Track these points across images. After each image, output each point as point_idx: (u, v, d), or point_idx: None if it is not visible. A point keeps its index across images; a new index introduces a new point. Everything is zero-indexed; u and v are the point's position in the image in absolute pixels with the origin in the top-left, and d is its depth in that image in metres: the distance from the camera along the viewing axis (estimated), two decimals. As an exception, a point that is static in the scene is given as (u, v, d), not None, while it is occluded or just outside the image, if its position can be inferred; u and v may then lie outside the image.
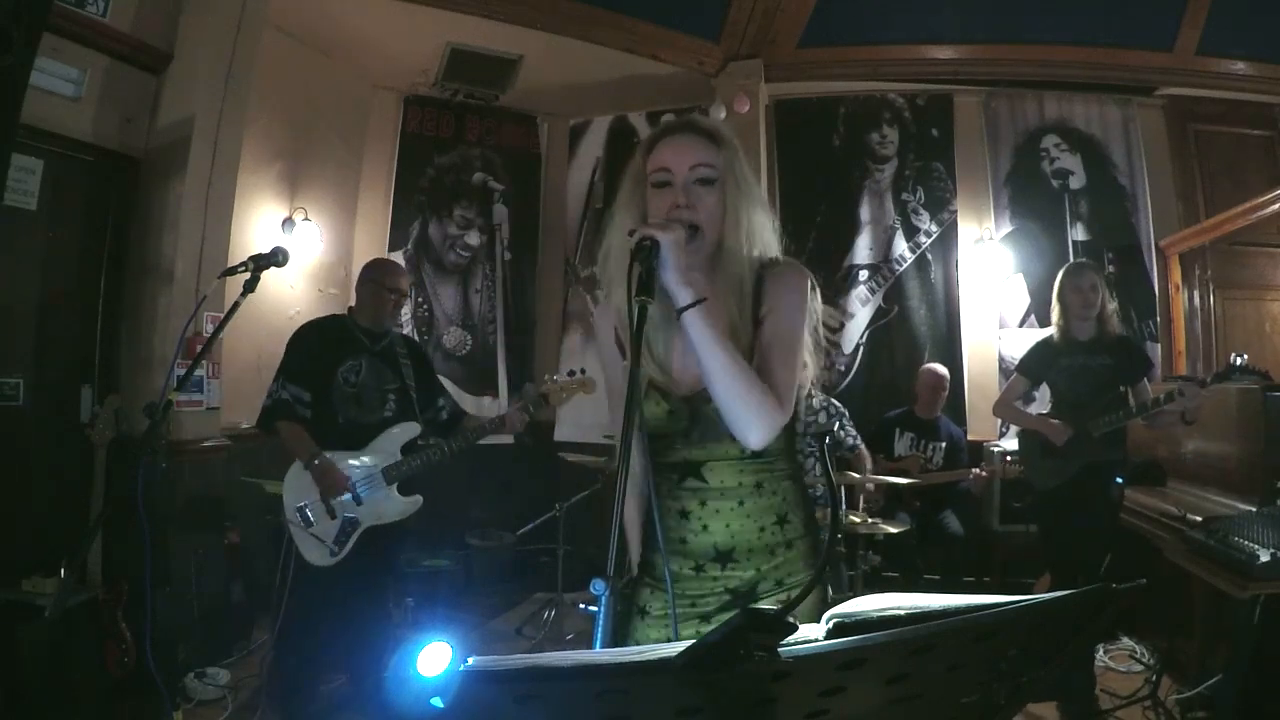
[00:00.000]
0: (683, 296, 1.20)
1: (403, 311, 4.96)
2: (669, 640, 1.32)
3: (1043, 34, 4.63)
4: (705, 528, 1.33)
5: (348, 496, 2.79)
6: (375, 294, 2.96)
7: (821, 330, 1.46)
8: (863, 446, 4.18)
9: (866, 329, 4.99)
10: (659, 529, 1.29)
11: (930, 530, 4.02)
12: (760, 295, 1.35)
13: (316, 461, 2.75)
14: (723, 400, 1.23)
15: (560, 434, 5.21)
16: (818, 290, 1.39)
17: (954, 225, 4.93)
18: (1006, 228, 4.90)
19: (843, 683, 0.68)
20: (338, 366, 2.88)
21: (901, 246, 4.98)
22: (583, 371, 3.07)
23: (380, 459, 2.85)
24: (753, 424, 1.23)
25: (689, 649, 0.62)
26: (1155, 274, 4.71)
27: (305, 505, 2.78)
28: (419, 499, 2.91)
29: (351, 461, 2.83)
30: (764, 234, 1.38)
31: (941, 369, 4.39)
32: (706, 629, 1.32)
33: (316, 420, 2.86)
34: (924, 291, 4.95)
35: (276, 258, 2.28)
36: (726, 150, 1.34)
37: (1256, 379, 3.00)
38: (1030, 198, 4.89)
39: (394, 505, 2.87)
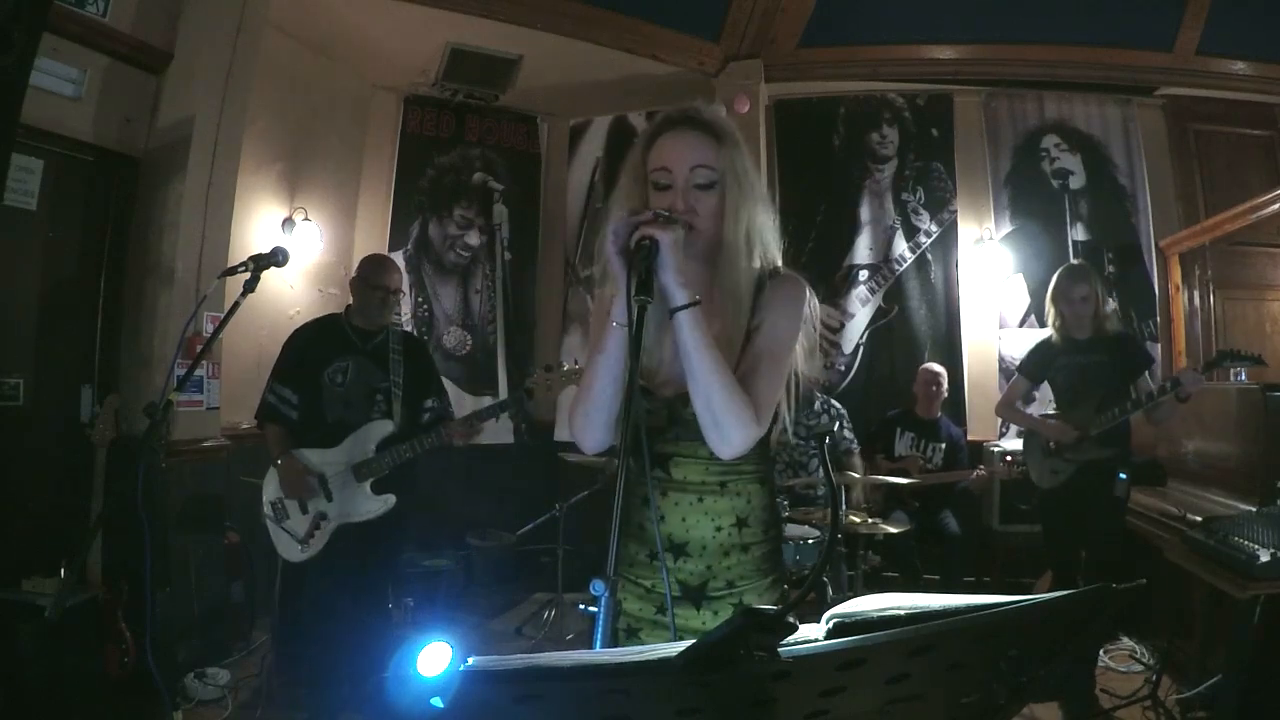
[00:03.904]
0: (678, 297, 1.20)
1: (402, 310, 4.99)
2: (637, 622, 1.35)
3: (1043, 34, 4.63)
4: (663, 518, 1.33)
5: (319, 492, 2.83)
6: (361, 291, 2.98)
7: (818, 336, 1.45)
8: (857, 452, 4.18)
9: (866, 329, 4.99)
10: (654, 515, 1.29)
11: (929, 530, 4.02)
12: (757, 304, 1.33)
13: (281, 461, 2.83)
14: (702, 406, 1.23)
15: (560, 434, 5.20)
16: (816, 304, 1.38)
17: (954, 225, 4.93)
18: (1006, 228, 4.90)
19: (843, 683, 0.68)
20: (324, 367, 2.90)
21: (901, 246, 4.98)
22: (575, 363, 3.06)
23: (352, 456, 2.86)
24: (728, 435, 1.23)
25: (689, 649, 0.62)
26: (1155, 274, 4.71)
27: (280, 499, 2.86)
28: (391, 499, 2.89)
29: (325, 458, 2.86)
30: (765, 233, 1.36)
31: (936, 368, 4.39)
32: (665, 620, 1.33)
33: (305, 419, 2.89)
34: (924, 291, 4.95)
35: (276, 258, 2.29)
36: (727, 146, 1.32)
37: (1250, 363, 2.99)
38: (1030, 198, 4.89)
39: (365, 503, 2.86)
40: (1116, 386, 3.11)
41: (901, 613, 0.70)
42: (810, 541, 3.46)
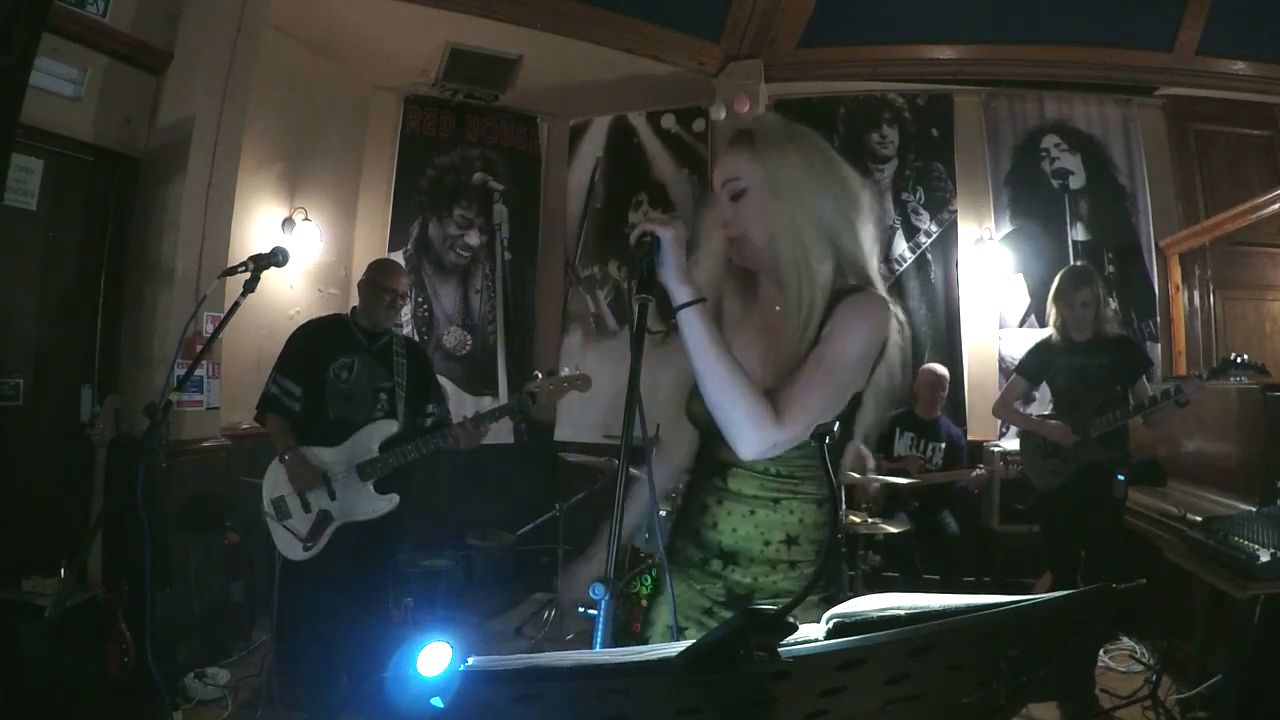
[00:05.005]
0: (680, 295, 1.19)
1: (403, 311, 4.98)
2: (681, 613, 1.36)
3: (1043, 34, 4.63)
4: (715, 525, 1.34)
5: (322, 491, 2.81)
6: (370, 293, 2.99)
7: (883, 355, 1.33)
8: (862, 446, 4.17)
9: (866, 329, 4.98)
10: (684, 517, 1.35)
11: (929, 530, 4.02)
12: (829, 315, 1.26)
13: (287, 455, 2.81)
14: (713, 405, 1.21)
15: (560, 434, 5.21)
16: (896, 326, 1.31)
17: (954, 225, 4.93)
18: (1006, 228, 4.89)
19: (843, 683, 0.68)
20: (330, 363, 2.91)
21: (901, 246, 4.98)
22: (576, 368, 3.07)
23: (356, 455, 2.85)
24: (741, 434, 1.19)
25: (689, 649, 0.62)
26: (1155, 274, 4.71)
27: (281, 497, 2.83)
28: (395, 498, 2.89)
29: (328, 457, 2.85)
30: (833, 239, 1.29)
31: (940, 368, 4.39)
32: (710, 622, 1.33)
33: (307, 414, 2.90)
34: (924, 291, 4.95)
35: (276, 258, 2.29)
36: (760, 151, 1.29)
37: (1253, 373, 3.00)
38: (1030, 198, 4.89)
39: (368, 502, 2.86)
40: (1116, 389, 3.12)
41: (901, 613, 0.70)
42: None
